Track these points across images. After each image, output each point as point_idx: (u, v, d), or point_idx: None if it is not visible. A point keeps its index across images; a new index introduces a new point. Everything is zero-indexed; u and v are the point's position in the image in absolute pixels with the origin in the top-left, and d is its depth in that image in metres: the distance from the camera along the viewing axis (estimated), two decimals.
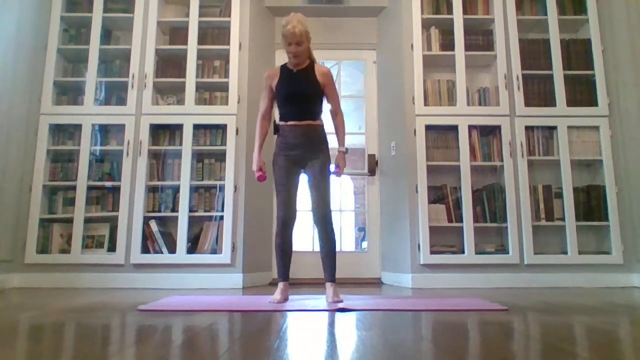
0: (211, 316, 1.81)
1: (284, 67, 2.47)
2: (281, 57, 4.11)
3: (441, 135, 3.41)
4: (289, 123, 2.38)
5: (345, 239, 4.01)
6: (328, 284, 2.33)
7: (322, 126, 2.44)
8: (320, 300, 2.30)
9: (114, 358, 1.09)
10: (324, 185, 2.36)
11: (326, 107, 2.50)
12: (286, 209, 2.35)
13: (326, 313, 1.93)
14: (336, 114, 2.49)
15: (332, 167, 2.45)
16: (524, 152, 3.30)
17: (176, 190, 3.36)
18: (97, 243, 3.33)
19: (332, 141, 2.51)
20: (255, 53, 3.64)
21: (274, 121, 2.48)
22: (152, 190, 3.41)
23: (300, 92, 2.38)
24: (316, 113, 2.42)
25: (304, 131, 2.37)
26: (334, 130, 2.52)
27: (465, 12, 3.50)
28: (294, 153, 2.37)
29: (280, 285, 2.32)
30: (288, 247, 2.37)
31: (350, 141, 2.52)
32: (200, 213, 3.36)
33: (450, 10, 3.52)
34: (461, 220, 3.25)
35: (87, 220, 3.30)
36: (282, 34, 2.33)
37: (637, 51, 3.28)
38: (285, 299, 2.28)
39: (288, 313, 1.92)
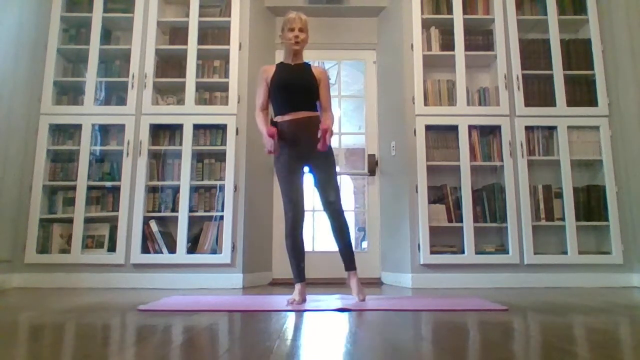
0: (211, 316, 1.81)
1: (279, 63, 2.50)
2: (281, 57, 4.11)
3: (441, 135, 3.41)
4: (286, 118, 2.35)
5: None
6: (351, 273, 2.34)
7: (319, 118, 2.40)
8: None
9: (114, 358, 1.09)
10: (332, 178, 2.36)
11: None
12: (294, 208, 2.31)
13: (326, 313, 1.93)
14: (325, 110, 2.43)
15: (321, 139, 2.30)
16: (524, 152, 3.30)
17: (176, 190, 3.36)
18: (97, 243, 3.33)
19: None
20: (255, 53, 3.64)
21: (271, 119, 2.44)
22: (152, 190, 3.41)
23: (295, 82, 2.38)
24: (312, 104, 2.40)
25: (303, 125, 2.33)
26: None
27: (465, 12, 3.50)
28: (296, 150, 2.34)
29: (298, 286, 2.29)
30: (301, 247, 2.34)
31: (350, 141, 2.51)
32: (200, 213, 3.36)
33: (450, 10, 3.52)
34: (461, 220, 3.25)
35: (87, 220, 3.30)
36: (285, 20, 2.39)
37: (637, 51, 3.27)
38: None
39: (288, 313, 1.92)
